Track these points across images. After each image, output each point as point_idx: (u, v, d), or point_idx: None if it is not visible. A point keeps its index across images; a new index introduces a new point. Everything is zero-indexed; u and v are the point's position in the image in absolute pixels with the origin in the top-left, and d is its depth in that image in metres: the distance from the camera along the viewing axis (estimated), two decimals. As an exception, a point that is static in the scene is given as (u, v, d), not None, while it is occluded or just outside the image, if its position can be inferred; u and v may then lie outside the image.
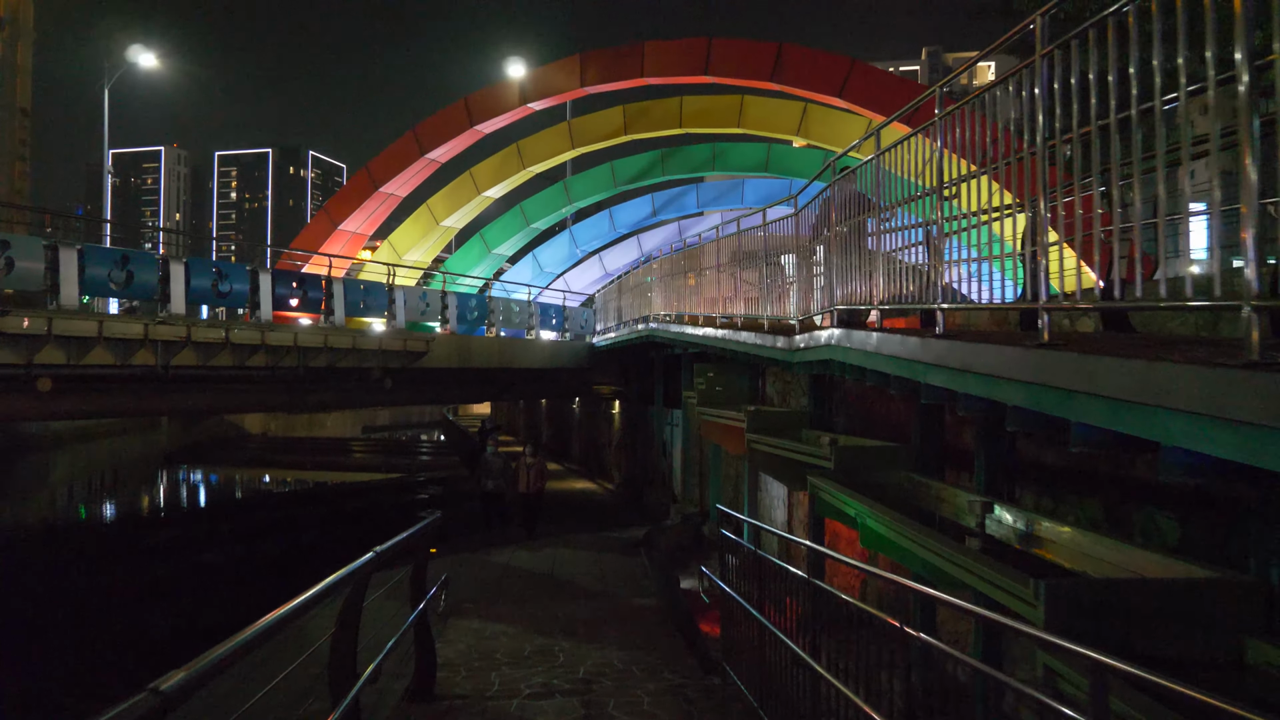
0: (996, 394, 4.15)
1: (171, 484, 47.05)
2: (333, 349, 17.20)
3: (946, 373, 4.84)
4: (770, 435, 11.71)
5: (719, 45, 22.23)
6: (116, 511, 35.81)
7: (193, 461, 54.19)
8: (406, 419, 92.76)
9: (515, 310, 24.01)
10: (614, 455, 30.64)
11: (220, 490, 43.85)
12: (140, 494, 42.03)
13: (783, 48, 20.49)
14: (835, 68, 19.71)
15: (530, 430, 51.83)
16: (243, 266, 16.41)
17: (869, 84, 18.93)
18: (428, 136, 28.17)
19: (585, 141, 28.05)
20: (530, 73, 26.83)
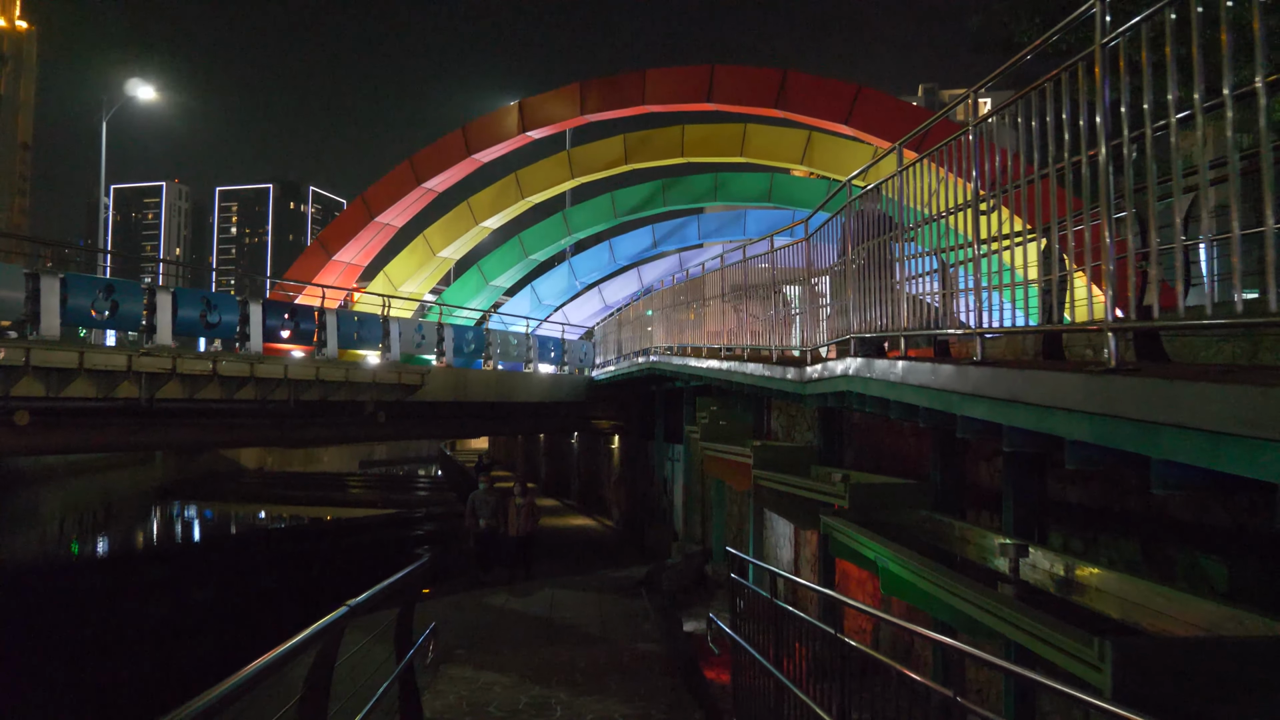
0: (1052, 427, 3.66)
1: (164, 520, 46.48)
2: (325, 382, 16.70)
3: (987, 404, 4.35)
4: (778, 471, 11.19)
5: (722, 72, 21.90)
6: (107, 548, 35.25)
7: (187, 496, 53.68)
8: (404, 454, 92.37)
9: (513, 343, 23.54)
10: (613, 491, 30.07)
11: (214, 526, 43.32)
12: (132, 530, 41.46)
13: (787, 74, 20.16)
14: (841, 94, 19.38)
15: (528, 465, 51.22)
16: (233, 297, 15.95)
17: (877, 110, 18.58)
18: (425, 165, 27.73)
19: (585, 171, 27.68)
20: (529, 100, 26.52)
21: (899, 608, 11.37)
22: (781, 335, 11.09)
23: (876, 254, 6.19)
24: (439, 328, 20.91)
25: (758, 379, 10.61)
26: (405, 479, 72.11)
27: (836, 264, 8.41)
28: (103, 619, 20.06)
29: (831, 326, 9.11)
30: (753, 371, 10.69)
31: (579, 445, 35.77)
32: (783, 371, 9.55)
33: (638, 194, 29.95)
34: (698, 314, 15.26)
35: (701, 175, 28.78)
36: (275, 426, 18.30)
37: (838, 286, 9.52)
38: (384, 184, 28.55)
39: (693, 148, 25.22)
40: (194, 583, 25.28)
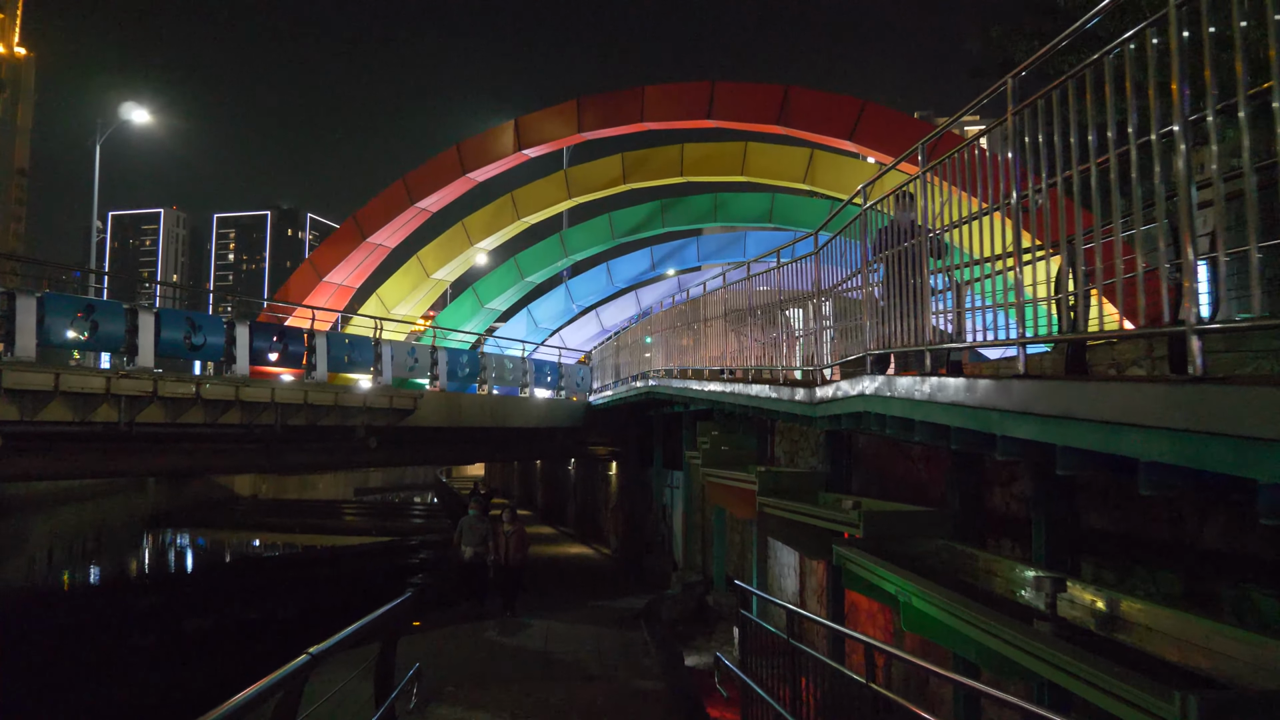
0: (1124, 447, 3.16)
1: (155, 547, 45.97)
2: (313, 406, 16.17)
3: (1036, 422, 3.86)
4: (784, 498, 10.67)
5: (723, 89, 21.53)
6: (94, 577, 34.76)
7: (179, 524, 53.30)
8: (400, 481, 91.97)
9: (509, 367, 23.04)
10: (610, 519, 29.49)
11: (206, 555, 42.85)
12: (121, 558, 40.93)
13: (789, 90, 19.78)
14: (846, 109, 18.98)
15: (524, 492, 50.61)
16: (218, 318, 15.47)
17: (882, 126, 18.17)
18: (418, 184, 27.23)
19: (582, 191, 27.18)
20: (525, 118, 26.09)
21: (911, 642, 10.83)
22: (786, 356, 10.61)
23: (901, 263, 5.71)
24: (432, 351, 20.42)
25: (763, 401, 10.11)
26: (401, 506, 71.69)
27: (846, 280, 7.93)
28: (87, 649, 19.48)
29: (837, 348, 8.64)
30: (758, 394, 10.19)
31: (576, 472, 35.22)
32: (790, 393, 9.06)
33: (636, 215, 29.49)
34: (699, 336, 14.79)
35: (701, 196, 28.42)
36: (263, 452, 17.77)
37: (843, 307, 9.08)
38: (376, 204, 28.04)
39: (692, 167, 24.79)
40: (184, 612, 24.77)
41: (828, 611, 11.46)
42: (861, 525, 7.97)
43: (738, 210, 27.37)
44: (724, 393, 12.09)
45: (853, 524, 8.20)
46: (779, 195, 25.36)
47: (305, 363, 17.07)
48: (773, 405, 9.76)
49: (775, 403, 9.62)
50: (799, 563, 14.46)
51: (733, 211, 27.60)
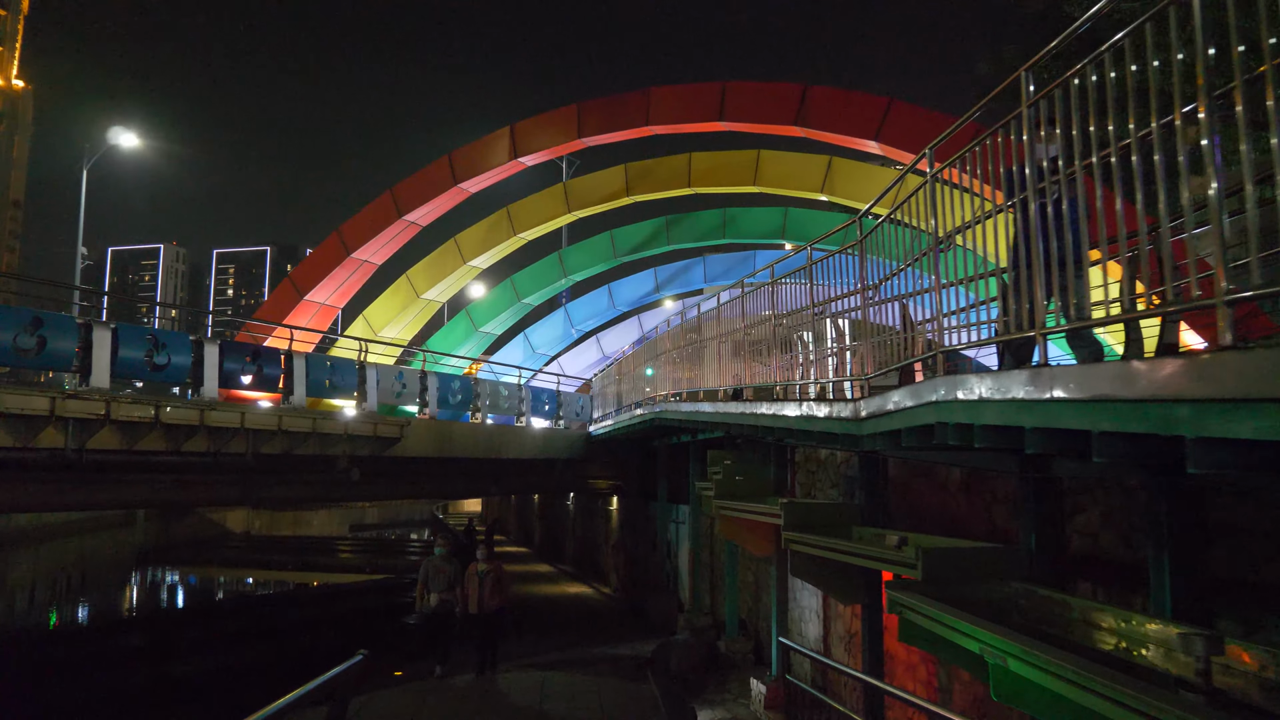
0: None
1: (143, 586, 44.75)
2: (289, 433, 14.83)
3: (1272, 414, 2.55)
4: (813, 534, 9.33)
5: (735, 88, 20.20)
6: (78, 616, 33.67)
7: (170, 561, 52.15)
8: (395, 517, 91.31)
9: (504, 394, 21.69)
10: (611, 556, 28.06)
11: (196, 593, 41.68)
12: (107, 597, 39.71)
13: (808, 89, 18.47)
14: (870, 108, 17.71)
15: (521, 529, 49.12)
16: (185, 335, 14.15)
17: (910, 124, 16.79)
18: (407, 196, 25.73)
19: (583, 205, 25.70)
20: (521, 124, 24.68)
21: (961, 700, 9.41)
22: (815, 370, 9.30)
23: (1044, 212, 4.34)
24: (422, 376, 19.10)
25: (792, 422, 8.76)
26: (396, 543, 70.38)
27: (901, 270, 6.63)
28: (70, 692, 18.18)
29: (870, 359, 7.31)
30: (786, 414, 8.85)
31: (574, 507, 33.88)
32: (828, 410, 7.72)
33: (639, 232, 28.03)
34: (709, 355, 13.49)
35: (708, 212, 26.89)
36: (237, 484, 16.38)
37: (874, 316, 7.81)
38: (362, 217, 26.48)
39: (701, 177, 23.36)
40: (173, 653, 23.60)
41: (863, 664, 10.07)
42: (920, 565, 6.61)
43: (748, 226, 25.76)
44: (742, 414, 10.75)
45: (906, 563, 6.85)
46: (792, 210, 23.96)
47: (282, 386, 15.75)
48: (805, 425, 8.42)
49: (808, 423, 8.28)
50: (822, 606, 13.05)
51: (743, 227, 25.95)
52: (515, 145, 24.68)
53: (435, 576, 13.52)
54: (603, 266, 29.73)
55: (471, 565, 13.51)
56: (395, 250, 27.75)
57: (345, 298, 27.90)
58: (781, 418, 8.96)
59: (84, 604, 37.16)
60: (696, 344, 14.31)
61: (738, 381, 12.25)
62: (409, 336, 28.86)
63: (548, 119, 24.42)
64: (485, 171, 25.25)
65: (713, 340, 13.09)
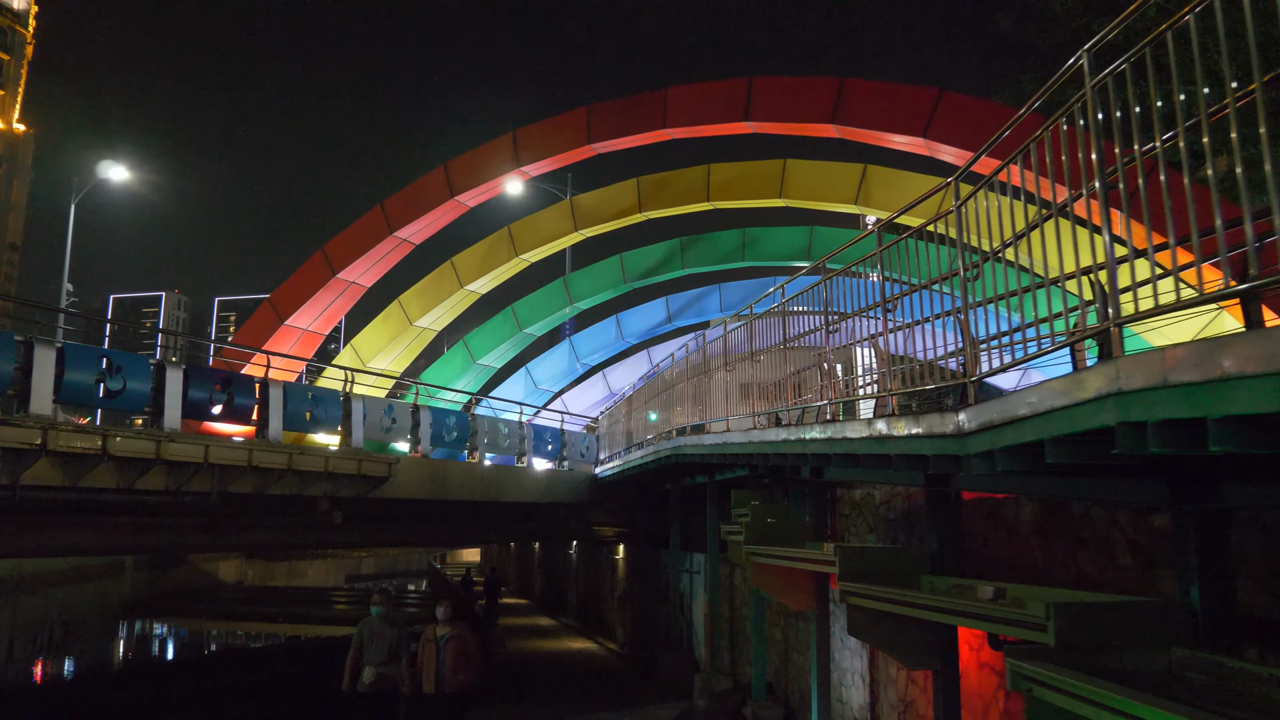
0: None
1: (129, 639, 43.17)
2: (260, 469, 13.17)
3: None
4: (875, 583, 7.68)
5: (763, 85, 18.49)
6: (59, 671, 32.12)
7: (158, 613, 50.80)
8: (393, 567, 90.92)
9: (503, 432, 20.03)
10: (617, 609, 26.19)
11: (184, 646, 40.21)
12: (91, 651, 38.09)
13: (845, 83, 16.84)
14: (917, 101, 15.95)
15: (522, 579, 47.15)
16: (143, 358, 12.58)
17: (964, 117, 15.07)
18: (399, 211, 23.80)
19: (591, 222, 23.78)
20: (525, 130, 22.90)
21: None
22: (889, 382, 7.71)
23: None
24: (414, 410, 17.47)
25: (857, 446, 7.12)
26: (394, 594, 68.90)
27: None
28: None
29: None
30: (849, 435, 7.20)
31: (578, 556, 32.06)
32: (912, 427, 6.10)
33: (651, 256, 26.08)
34: (738, 379, 11.90)
35: (727, 232, 24.98)
36: (205, 529, 14.68)
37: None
38: (349, 234, 24.44)
39: (721, 191, 21.45)
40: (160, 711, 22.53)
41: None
42: (1053, 625, 4.95)
43: (770, 247, 23.77)
44: (784, 442, 9.09)
45: (1027, 623, 5.20)
46: (819, 229, 22.32)
47: (256, 418, 14.14)
48: (874, 449, 6.79)
49: (880, 444, 6.65)
50: (868, 668, 11.32)
51: (764, 249, 23.96)
52: (518, 153, 22.95)
53: (373, 644, 10.16)
54: (611, 293, 27.84)
55: (429, 628, 10.49)
56: (386, 270, 25.83)
57: (330, 323, 25.84)
58: (842, 441, 7.33)
59: (64, 659, 35.61)
60: (718, 369, 12.72)
61: (770, 405, 10.66)
62: (401, 368, 26.93)
63: (554, 124, 22.64)
64: (485, 183, 23.54)
65: (747, 362, 11.50)
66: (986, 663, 8.93)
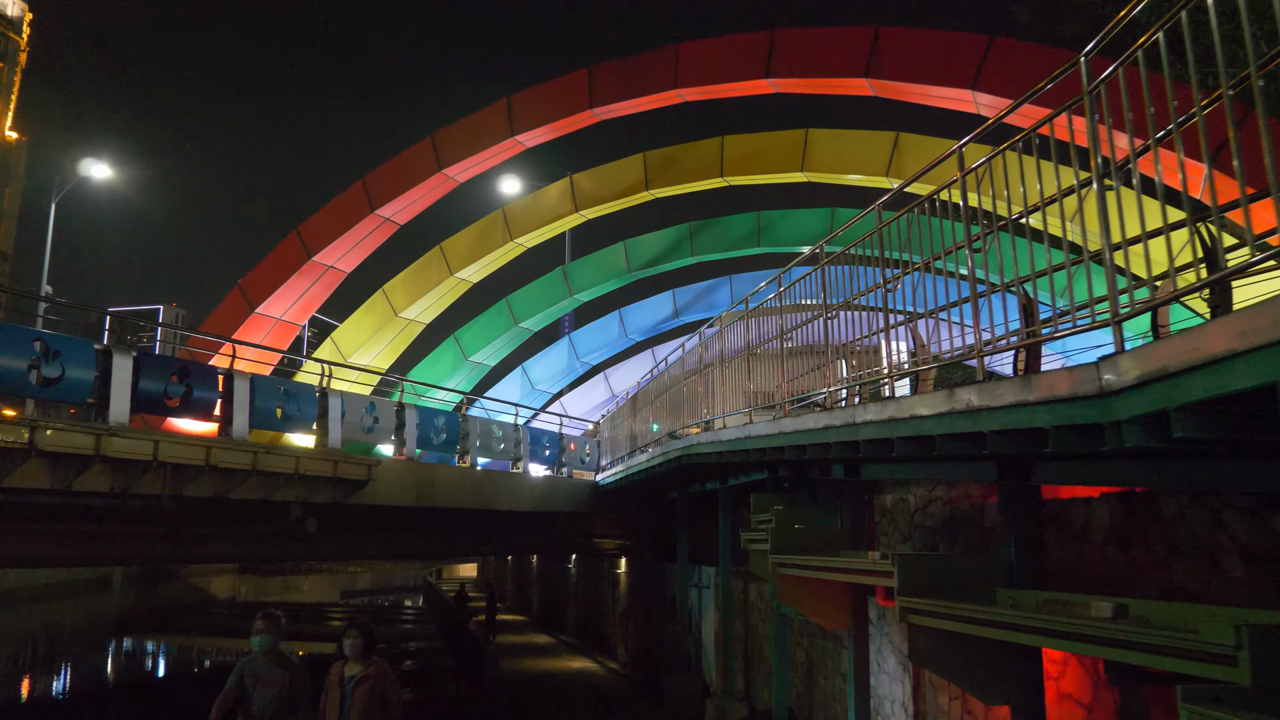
0: None
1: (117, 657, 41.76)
2: (220, 470, 11.69)
3: None
4: (942, 599, 6.23)
5: (786, 37, 16.69)
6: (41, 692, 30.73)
7: (147, 629, 49.34)
8: (389, 583, 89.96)
9: (497, 435, 18.55)
10: (619, 627, 24.68)
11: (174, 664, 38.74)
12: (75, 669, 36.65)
13: (880, 31, 15.21)
14: (964, 48, 14.27)
15: (519, 594, 45.64)
16: (86, 342, 11.12)
17: (1020, 65, 13.41)
18: (381, 186, 21.78)
19: (593, 202, 21.89)
20: (520, 95, 20.81)
21: None
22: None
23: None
24: (399, 409, 15.99)
25: (934, 425, 5.62)
26: (389, 610, 67.78)
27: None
28: None
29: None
30: (921, 412, 5.71)
31: (577, 570, 30.55)
32: (1022, 392, 4.61)
33: (657, 243, 24.20)
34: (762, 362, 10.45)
35: (740, 216, 23.20)
36: (166, 537, 13.18)
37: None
38: (327, 212, 22.36)
39: (736, 166, 19.61)
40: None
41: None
42: (1248, 659, 3.51)
43: (787, 231, 22.05)
44: (825, 429, 7.61)
45: (1207, 654, 3.76)
46: (840, 210, 20.71)
47: (220, 414, 12.67)
48: (963, 426, 5.30)
49: (970, 421, 5.17)
50: (912, 698, 9.83)
51: (781, 233, 22.17)
52: (513, 121, 20.92)
53: (257, 691, 7.44)
54: (615, 284, 25.91)
55: (334, 667, 7.65)
56: (368, 254, 23.68)
57: (306, 312, 23.76)
58: (909, 421, 5.85)
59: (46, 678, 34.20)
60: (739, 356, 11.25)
61: (797, 393, 9.20)
62: (386, 364, 25.16)
63: (552, 87, 20.68)
64: (476, 154, 21.52)
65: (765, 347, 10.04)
66: (1068, 694, 7.48)
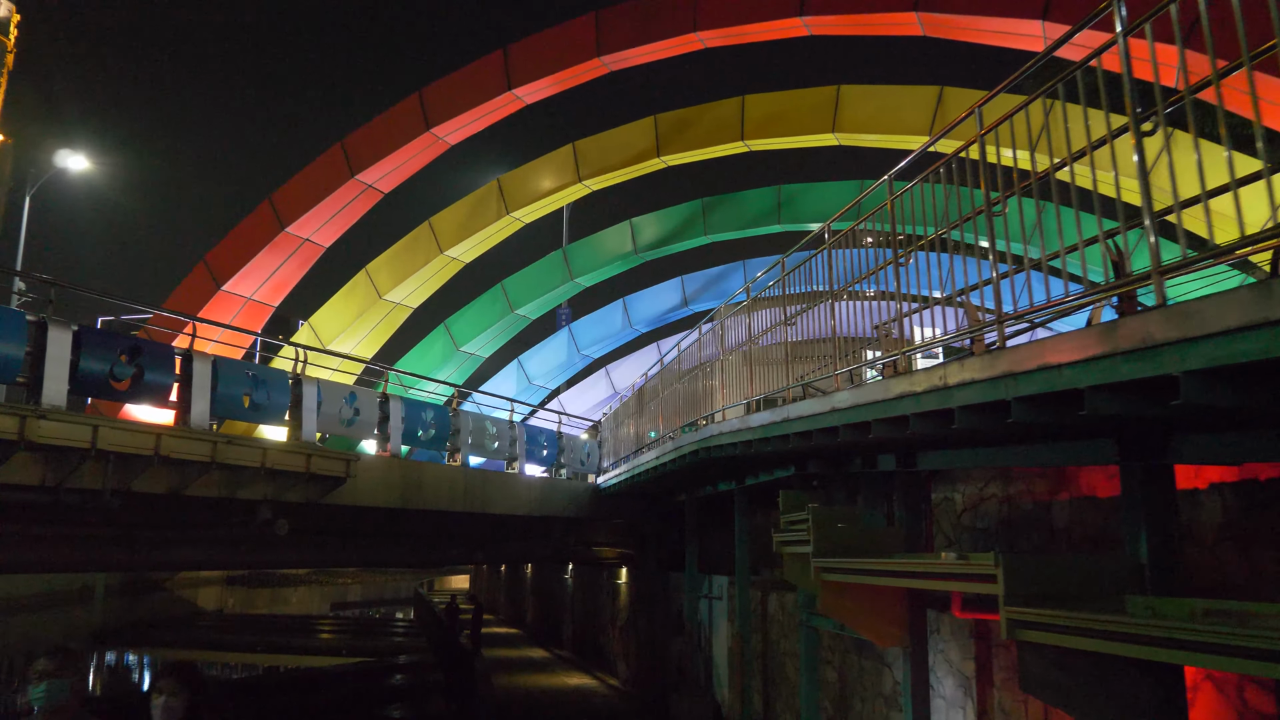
0: None
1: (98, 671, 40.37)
2: (173, 461, 10.22)
3: None
4: (1062, 608, 4.82)
5: None
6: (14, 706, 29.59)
7: (130, 643, 47.82)
8: (380, 595, 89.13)
9: (491, 432, 17.07)
10: (619, 641, 23.22)
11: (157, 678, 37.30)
12: None
13: None
14: None
15: (513, 607, 44.16)
16: (18, 314, 9.64)
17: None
18: (363, 149, 19.65)
19: (598, 170, 19.86)
20: (518, 45, 18.93)
21: None
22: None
23: None
24: (383, 400, 14.52)
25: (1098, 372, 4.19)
26: (381, 623, 66.64)
27: None
28: None
29: None
30: (1068, 357, 4.27)
31: (574, 580, 29.08)
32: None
33: (667, 221, 22.23)
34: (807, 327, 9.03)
35: (758, 191, 21.37)
36: (117, 541, 11.67)
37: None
38: (302, 178, 20.16)
39: (758, 128, 17.71)
40: None
41: None
42: None
43: (811, 207, 20.13)
44: (901, 397, 6.15)
45: None
46: (869, 182, 19.09)
47: (178, 399, 11.20)
48: (1138, 369, 3.88)
49: (1154, 359, 3.75)
50: (975, 727, 8.38)
51: (804, 209, 20.22)
52: (510, 73, 18.92)
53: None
54: (619, 266, 23.85)
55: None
56: (348, 226, 21.33)
57: (281, 291, 21.51)
58: (1040, 375, 4.40)
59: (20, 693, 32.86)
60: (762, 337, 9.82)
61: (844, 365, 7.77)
62: (372, 352, 23.04)
63: (554, 34, 18.80)
64: (469, 111, 19.39)
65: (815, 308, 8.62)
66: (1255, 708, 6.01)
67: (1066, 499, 9.24)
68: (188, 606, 62.56)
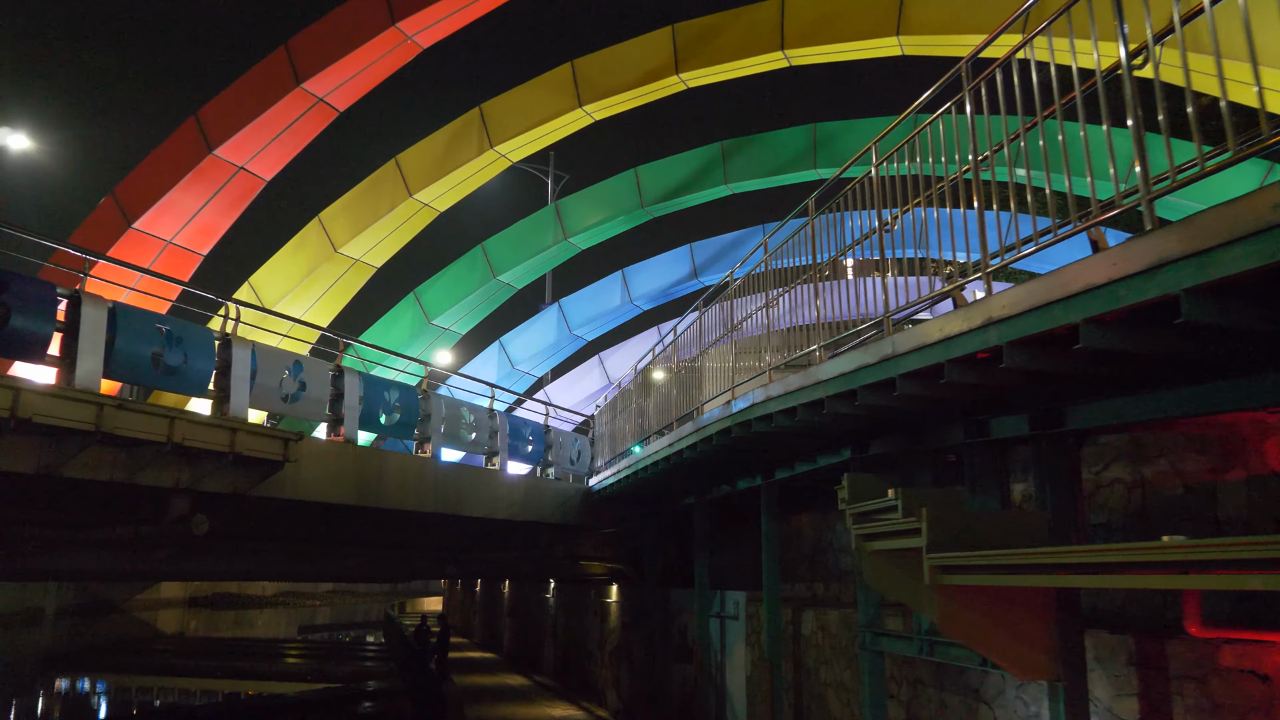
0: None
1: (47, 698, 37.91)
2: (41, 428, 7.67)
3: None
4: None
5: None
6: None
7: (83, 669, 45.42)
8: (351, 618, 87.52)
9: (467, 420, 14.52)
10: (608, 666, 20.71)
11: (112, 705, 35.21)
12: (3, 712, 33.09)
13: None
14: None
15: (488, 629, 41.61)
16: None
17: None
18: (311, 52, 15.87)
19: (601, 94, 16.28)
20: None
21: None
22: None
23: None
24: (336, 372, 11.97)
25: None
26: (350, 646, 64.54)
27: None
28: None
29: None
30: None
31: (556, 599, 26.60)
32: None
33: (680, 167, 18.73)
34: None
35: (789, 131, 18.07)
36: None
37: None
38: (237, 90, 16.33)
39: (801, 35, 14.34)
40: None
41: None
42: None
43: (852, 149, 16.26)
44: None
45: None
46: (923, 117, 16.51)
47: (61, 354, 8.66)
48: None
49: None
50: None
51: (842, 151, 16.98)
52: None
53: None
54: (623, 224, 20.37)
55: None
56: (295, 153, 17.33)
57: (210, 236, 17.39)
58: None
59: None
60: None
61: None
62: (328, 318, 19.59)
63: None
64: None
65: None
66: None
67: (1233, 480, 6.95)
68: (146, 629, 59.58)
